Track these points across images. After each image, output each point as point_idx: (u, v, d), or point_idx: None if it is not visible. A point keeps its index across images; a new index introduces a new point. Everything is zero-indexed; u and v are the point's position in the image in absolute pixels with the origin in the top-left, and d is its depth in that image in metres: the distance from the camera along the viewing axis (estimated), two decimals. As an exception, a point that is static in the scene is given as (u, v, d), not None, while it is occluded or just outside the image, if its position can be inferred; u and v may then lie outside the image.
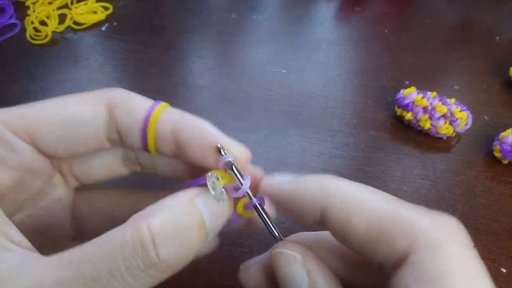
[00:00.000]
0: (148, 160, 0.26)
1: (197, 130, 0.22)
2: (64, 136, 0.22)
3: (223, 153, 0.21)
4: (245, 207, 0.22)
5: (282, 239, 0.22)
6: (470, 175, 0.42)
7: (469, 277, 0.16)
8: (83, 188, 0.27)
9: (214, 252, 0.25)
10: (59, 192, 0.25)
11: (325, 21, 0.58)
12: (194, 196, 0.19)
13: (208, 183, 0.20)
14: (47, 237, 0.24)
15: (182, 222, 0.18)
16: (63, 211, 0.26)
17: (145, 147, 0.22)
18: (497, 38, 0.56)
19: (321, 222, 0.20)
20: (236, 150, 0.22)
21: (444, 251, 0.16)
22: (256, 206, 0.22)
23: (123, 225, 0.18)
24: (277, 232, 0.22)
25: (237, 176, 0.21)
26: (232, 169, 0.21)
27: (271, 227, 0.22)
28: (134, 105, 0.22)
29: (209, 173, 0.20)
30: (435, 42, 0.55)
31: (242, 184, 0.21)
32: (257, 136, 0.44)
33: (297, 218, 0.21)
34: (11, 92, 0.47)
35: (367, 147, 0.43)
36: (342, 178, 0.20)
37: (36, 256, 0.18)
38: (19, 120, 0.21)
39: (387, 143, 0.44)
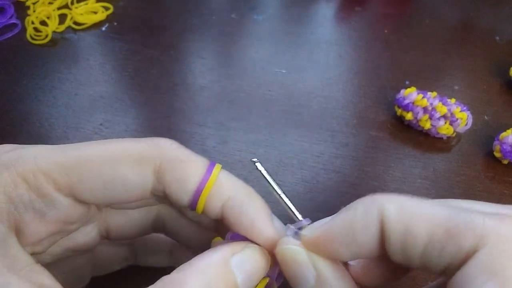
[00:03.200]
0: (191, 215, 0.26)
1: (247, 221, 0.21)
2: (106, 194, 0.21)
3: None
4: None
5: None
6: (470, 175, 0.42)
7: None
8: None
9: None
10: (89, 239, 0.25)
11: (325, 21, 0.58)
12: (228, 256, 0.19)
13: (291, 237, 0.21)
14: (75, 247, 0.24)
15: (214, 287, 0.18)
16: (86, 257, 0.26)
17: (194, 209, 0.22)
18: (497, 38, 0.56)
19: (379, 243, 0.19)
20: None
21: (509, 246, 0.17)
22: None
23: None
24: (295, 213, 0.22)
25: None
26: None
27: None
28: (185, 173, 0.21)
29: (288, 229, 0.21)
30: (435, 42, 0.55)
31: None
32: (257, 136, 0.44)
33: (356, 252, 0.20)
34: (11, 92, 0.47)
35: (367, 147, 0.43)
36: (395, 194, 0.20)
37: None
38: (63, 174, 0.20)
39: (387, 143, 0.44)
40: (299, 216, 0.22)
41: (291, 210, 0.22)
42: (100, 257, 0.27)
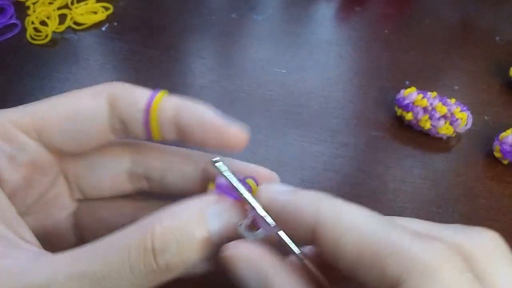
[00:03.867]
0: (157, 174, 0.26)
1: (196, 112, 0.23)
2: (70, 131, 0.23)
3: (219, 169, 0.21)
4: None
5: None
6: (470, 175, 0.42)
7: None
8: (87, 199, 0.27)
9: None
10: (64, 201, 0.26)
11: (325, 21, 0.58)
12: (206, 207, 0.19)
13: (243, 234, 0.20)
14: (50, 245, 0.24)
15: (185, 233, 0.18)
16: (66, 220, 0.26)
17: (150, 135, 0.24)
18: (497, 38, 0.56)
19: (312, 239, 0.19)
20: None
21: (436, 277, 0.15)
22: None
23: (133, 227, 0.19)
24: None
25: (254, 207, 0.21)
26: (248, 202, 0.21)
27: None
28: (134, 95, 0.24)
29: (238, 225, 0.20)
30: (435, 42, 0.55)
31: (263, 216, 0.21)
32: (257, 136, 0.44)
33: (290, 232, 0.21)
34: (11, 92, 0.47)
35: (367, 147, 0.43)
36: (336, 198, 0.20)
37: (47, 253, 0.19)
38: (27, 118, 0.22)
39: (387, 143, 0.44)
40: (270, 220, 0.21)
41: (258, 213, 0.21)
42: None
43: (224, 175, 0.21)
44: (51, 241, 0.25)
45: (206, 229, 0.19)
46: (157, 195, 0.27)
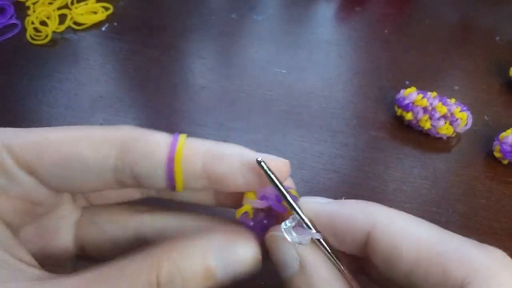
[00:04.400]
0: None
1: (235, 158, 0.20)
2: (64, 174, 0.20)
3: (268, 172, 0.20)
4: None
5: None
6: (470, 175, 0.42)
7: None
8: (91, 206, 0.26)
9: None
10: (66, 210, 0.25)
11: (325, 21, 0.58)
12: (213, 248, 0.19)
13: (284, 234, 0.20)
14: (49, 255, 0.24)
15: (190, 272, 0.19)
16: (68, 230, 0.25)
17: (172, 188, 0.21)
18: (497, 38, 0.56)
19: (364, 247, 0.20)
20: (277, 163, 0.21)
21: (499, 281, 0.17)
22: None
23: (141, 257, 0.19)
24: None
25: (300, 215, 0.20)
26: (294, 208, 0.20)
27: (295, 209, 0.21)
28: (150, 146, 0.20)
29: (283, 223, 0.20)
30: (435, 42, 0.55)
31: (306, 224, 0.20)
32: (257, 136, 0.44)
33: (338, 242, 0.21)
34: (11, 92, 0.47)
35: (367, 147, 0.43)
36: (386, 207, 0.20)
37: (50, 276, 0.19)
38: (22, 149, 0.20)
39: (387, 143, 0.44)
40: (309, 224, 0.21)
41: (302, 218, 0.21)
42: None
43: (272, 177, 0.20)
44: (52, 254, 0.24)
45: (213, 270, 0.19)
46: (166, 201, 0.26)
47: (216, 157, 0.20)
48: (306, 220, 0.20)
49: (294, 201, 0.21)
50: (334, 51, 0.53)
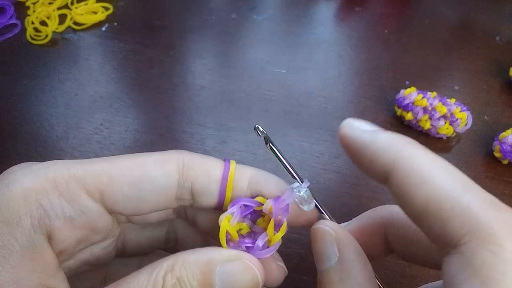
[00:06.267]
0: (192, 212, 0.26)
1: (273, 182, 0.24)
2: (134, 196, 0.22)
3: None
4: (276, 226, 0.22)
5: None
6: (470, 175, 0.41)
7: None
8: (122, 252, 0.27)
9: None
10: (110, 233, 0.25)
11: (325, 21, 0.58)
12: (216, 264, 0.20)
13: (296, 200, 0.23)
14: (90, 261, 0.25)
15: (192, 284, 0.20)
16: (110, 243, 0.26)
17: (221, 205, 0.23)
18: (497, 38, 0.56)
19: (385, 180, 0.20)
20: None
21: (501, 249, 0.15)
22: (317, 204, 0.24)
23: (149, 269, 0.20)
24: (327, 214, 0.24)
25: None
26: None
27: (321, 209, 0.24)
28: (208, 166, 0.23)
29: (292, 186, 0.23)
30: (435, 42, 0.55)
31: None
32: (257, 137, 0.44)
33: (364, 170, 0.21)
34: (11, 92, 0.47)
35: (367, 147, 0.43)
36: (419, 145, 0.20)
37: None
38: (92, 179, 0.21)
39: (387, 143, 0.44)
40: (298, 178, 0.24)
41: (291, 173, 0.24)
42: (112, 274, 0.27)
43: (268, 140, 0.25)
44: (94, 258, 0.25)
45: (212, 284, 0.20)
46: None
47: (258, 182, 0.23)
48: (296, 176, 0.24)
49: (292, 168, 0.24)
50: (334, 51, 0.54)
